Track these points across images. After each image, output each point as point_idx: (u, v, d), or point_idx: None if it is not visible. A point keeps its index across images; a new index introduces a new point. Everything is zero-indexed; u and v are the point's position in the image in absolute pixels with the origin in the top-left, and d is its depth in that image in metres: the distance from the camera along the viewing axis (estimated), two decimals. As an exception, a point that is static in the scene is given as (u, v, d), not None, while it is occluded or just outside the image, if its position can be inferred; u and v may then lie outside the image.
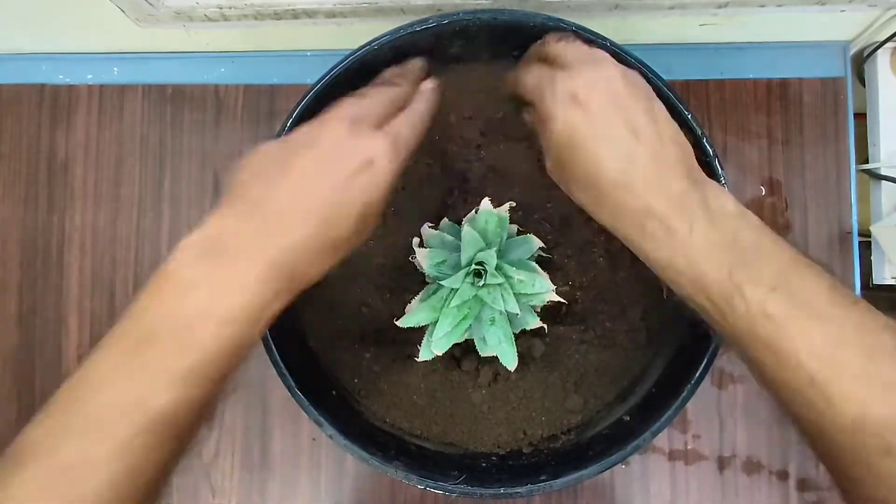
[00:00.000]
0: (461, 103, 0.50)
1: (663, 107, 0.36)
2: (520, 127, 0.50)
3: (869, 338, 0.30)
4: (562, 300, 0.43)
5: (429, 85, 0.41)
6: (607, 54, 0.37)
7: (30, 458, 0.28)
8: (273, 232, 0.32)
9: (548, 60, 0.38)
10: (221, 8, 0.51)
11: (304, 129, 0.35)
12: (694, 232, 0.33)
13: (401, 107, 0.38)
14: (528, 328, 0.46)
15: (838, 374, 0.29)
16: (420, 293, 0.46)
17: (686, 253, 0.33)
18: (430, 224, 0.45)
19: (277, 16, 0.53)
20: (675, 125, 0.36)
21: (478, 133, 0.50)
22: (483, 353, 0.45)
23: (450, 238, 0.45)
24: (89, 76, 0.61)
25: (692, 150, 0.36)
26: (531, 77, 0.37)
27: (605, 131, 0.34)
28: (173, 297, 0.30)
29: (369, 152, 0.34)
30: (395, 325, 0.44)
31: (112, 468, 0.28)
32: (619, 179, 0.34)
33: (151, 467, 0.30)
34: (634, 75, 0.36)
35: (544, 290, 0.42)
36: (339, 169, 0.33)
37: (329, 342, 0.49)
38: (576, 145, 0.34)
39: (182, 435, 0.31)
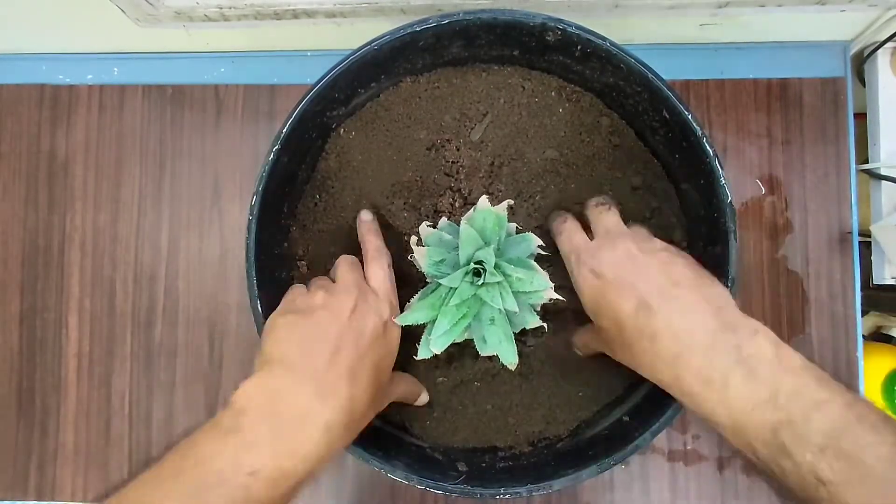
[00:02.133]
0: (459, 103, 0.50)
1: (686, 258, 0.39)
2: (520, 126, 0.50)
3: None
4: (561, 298, 0.43)
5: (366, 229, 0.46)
6: (631, 231, 0.41)
7: None
8: (327, 396, 0.35)
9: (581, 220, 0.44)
10: (221, 8, 0.51)
11: (317, 298, 0.40)
12: (730, 386, 0.32)
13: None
14: (528, 327, 0.46)
15: None
16: (419, 291, 0.46)
17: (724, 409, 0.32)
18: (429, 223, 0.45)
19: (277, 16, 0.53)
20: (696, 269, 0.38)
21: (476, 133, 0.50)
22: (483, 353, 0.45)
23: (448, 237, 0.45)
24: (89, 76, 0.61)
25: (723, 290, 0.37)
26: (565, 242, 0.43)
27: (620, 293, 0.37)
28: (239, 450, 0.33)
29: (385, 313, 0.41)
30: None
31: None
32: (642, 336, 0.36)
33: None
34: (653, 243, 0.40)
35: (543, 287, 0.42)
36: (368, 333, 0.39)
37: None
38: (600, 310, 0.39)
39: None
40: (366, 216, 0.46)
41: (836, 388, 0.31)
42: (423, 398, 0.47)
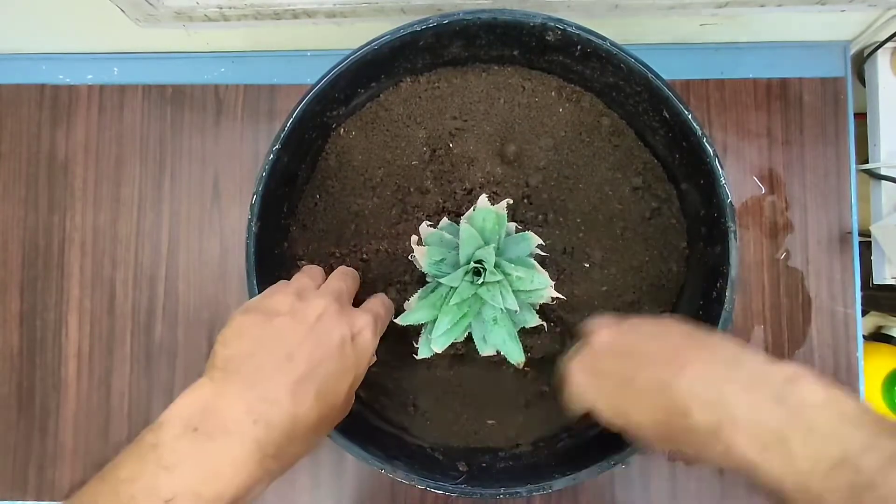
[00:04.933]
0: (459, 103, 0.50)
1: (670, 318, 0.36)
2: (520, 127, 0.50)
3: None
4: (560, 296, 0.43)
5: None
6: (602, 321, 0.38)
7: None
8: (262, 409, 0.31)
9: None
10: (221, 8, 0.51)
11: (286, 300, 0.35)
12: (792, 448, 0.28)
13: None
14: (527, 326, 0.46)
15: None
16: (419, 291, 0.46)
17: (791, 474, 0.28)
18: (429, 223, 0.45)
19: (277, 16, 0.53)
20: (697, 329, 0.35)
21: (477, 133, 0.50)
22: (483, 353, 0.45)
23: (448, 236, 0.45)
24: (89, 76, 0.61)
25: (729, 338, 0.34)
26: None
27: (634, 389, 0.33)
28: (156, 472, 0.28)
29: (357, 325, 0.35)
30: (395, 323, 0.44)
31: None
32: (674, 412, 0.31)
33: None
34: (629, 320, 0.38)
35: (543, 286, 0.42)
36: (329, 342, 0.33)
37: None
38: (620, 414, 0.34)
39: None
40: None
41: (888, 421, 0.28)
42: None
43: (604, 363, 0.36)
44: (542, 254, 0.46)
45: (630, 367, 0.34)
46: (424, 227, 0.45)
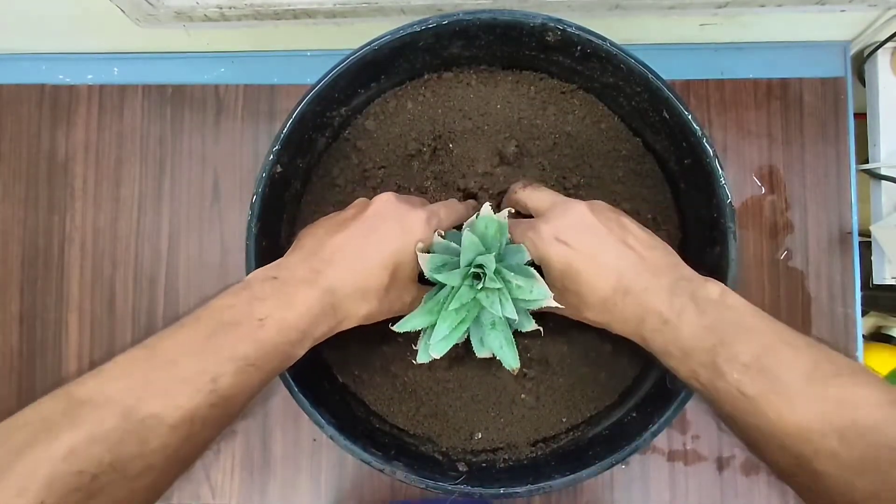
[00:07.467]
0: (459, 104, 0.50)
1: (632, 221, 0.42)
2: (519, 127, 0.50)
3: (848, 413, 0.30)
4: (559, 305, 0.43)
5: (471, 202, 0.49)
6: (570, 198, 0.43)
7: (104, 407, 0.31)
8: (325, 271, 0.39)
9: (519, 206, 0.46)
10: (221, 8, 0.51)
11: (360, 201, 0.44)
12: (682, 319, 0.36)
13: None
14: (524, 330, 0.45)
15: (817, 452, 0.31)
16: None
17: (677, 340, 0.36)
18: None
19: (277, 16, 0.53)
20: (649, 233, 0.42)
21: (477, 133, 0.50)
22: (479, 355, 0.45)
23: (454, 245, 0.45)
24: (89, 76, 0.61)
25: (672, 250, 0.41)
26: (517, 232, 0.44)
27: (590, 258, 0.40)
28: (250, 301, 0.37)
29: (408, 220, 0.41)
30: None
31: (176, 433, 0.32)
32: (615, 292, 0.39)
33: (201, 440, 0.34)
34: (599, 205, 0.42)
35: (543, 297, 0.41)
36: (380, 231, 0.40)
37: (330, 340, 0.49)
38: (571, 276, 0.40)
39: (231, 416, 0.35)
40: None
41: (771, 321, 0.35)
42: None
43: (568, 225, 0.41)
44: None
45: (592, 243, 0.40)
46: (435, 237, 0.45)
